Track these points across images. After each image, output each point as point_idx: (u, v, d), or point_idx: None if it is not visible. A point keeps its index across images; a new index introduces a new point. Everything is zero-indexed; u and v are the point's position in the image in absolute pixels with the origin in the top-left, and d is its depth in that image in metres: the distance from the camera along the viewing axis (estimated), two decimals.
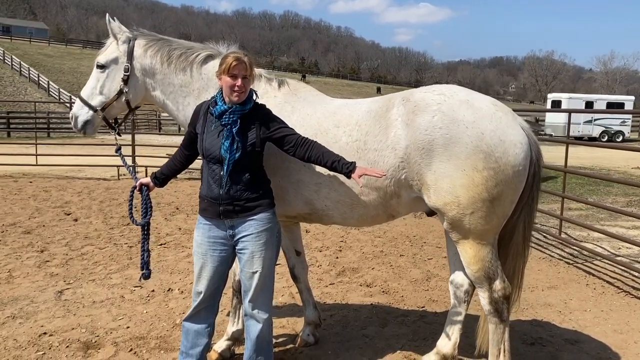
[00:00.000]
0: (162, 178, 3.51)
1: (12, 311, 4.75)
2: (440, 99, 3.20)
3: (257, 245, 3.23)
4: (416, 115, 3.18)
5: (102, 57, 3.77)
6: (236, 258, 3.37)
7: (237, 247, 3.27)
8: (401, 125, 3.22)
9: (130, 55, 3.73)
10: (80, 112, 3.78)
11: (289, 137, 3.24)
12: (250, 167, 3.22)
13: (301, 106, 3.66)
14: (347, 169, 3.12)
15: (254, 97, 3.27)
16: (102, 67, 3.76)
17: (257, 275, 3.24)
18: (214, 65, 3.70)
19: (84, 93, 3.82)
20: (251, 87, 3.27)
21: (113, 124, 3.91)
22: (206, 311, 3.41)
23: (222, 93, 3.20)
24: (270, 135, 3.24)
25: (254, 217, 3.23)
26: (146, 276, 3.47)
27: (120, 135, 3.94)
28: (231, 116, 3.14)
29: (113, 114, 3.85)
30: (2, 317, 4.62)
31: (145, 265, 3.46)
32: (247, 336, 3.36)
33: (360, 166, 3.14)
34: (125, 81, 3.73)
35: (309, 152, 3.21)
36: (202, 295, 3.32)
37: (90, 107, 3.76)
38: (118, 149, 3.89)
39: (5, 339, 4.20)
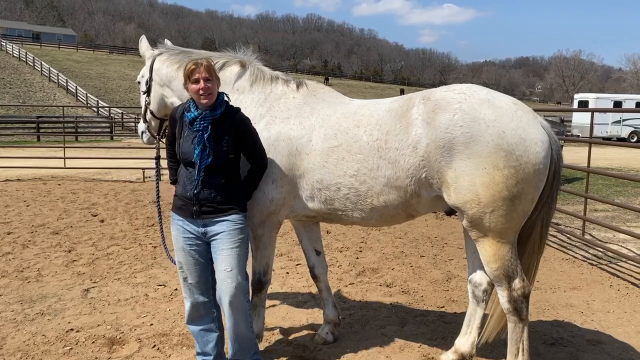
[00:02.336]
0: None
1: (41, 308, 4.90)
2: (461, 97, 3.21)
3: (228, 243, 3.36)
4: (437, 114, 3.19)
5: (139, 76, 4.27)
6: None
7: (211, 246, 3.43)
8: (422, 123, 3.23)
9: (151, 70, 4.09)
10: (139, 124, 4.40)
11: (250, 158, 3.48)
12: (223, 171, 3.36)
13: (320, 107, 3.71)
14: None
15: (226, 100, 3.42)
16: (139, 83, 4.25)
17: (231, 274, 3.36)
18: (230, 71, 3.91)
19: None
20: (223, 90, 3.50)
21: (155, 134, 4.27)
22: (204, 307, 3.53)
23: (193, 100, 3.35)
24: (242, 148, 3.42)
25: (227, 217, 3.37)
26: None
27: (160, 144, 4.28)
28: (202, 122, 3.29)
29: (153, 125, 4.24)
30: (32, 313, 4.78)
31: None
32: (228, 332, 3.50)
33: None
34: (147, 93, 4.13)
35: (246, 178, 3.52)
36: (193, 289, 3.48)
37: (142, 119, 4.31)
38: (156, 158, 4.22)
39: (34, 335, 4.35)
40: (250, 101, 3.83)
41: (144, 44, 4.23)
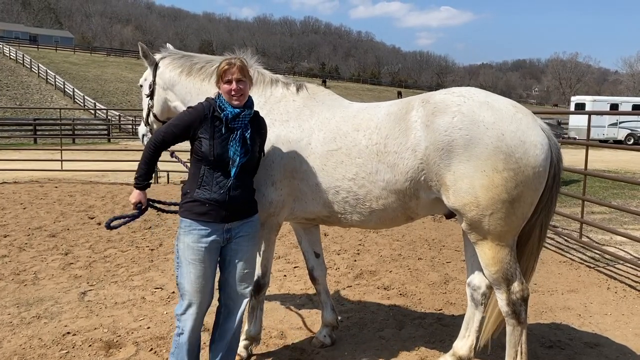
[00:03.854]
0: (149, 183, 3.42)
1: (37, 311, 4.88)
2: (460, 100, 3.21)
3: (250, 245, 3.37)
4: (436, 117, 3.19)
5: (141, 79, 4.32)
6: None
7: (228, 248, 3.30)
8: (421, 126, 3.23)
9: (154, 73, 4.14)
10: (140, 127, 4.44)
11: (259, 162, 3.45)
12: (252, 172, 3.36)
13: (320, 110, 3.71)
14: None
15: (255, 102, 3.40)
16: (141, 86, 4.29)
17: (248, 275, 3.38)
18: None
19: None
20: (254, 92, 3.43)
21: None
22: (201, 319, 3.35)
23: (223, 97, 3.23)
24: (261, 149, 3.42)
25: (251, 218, 3.36)
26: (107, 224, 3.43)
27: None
28: (243, 119, 3.22)
29: (156, 128, 4.23)
30: (28, 317, 4.75)
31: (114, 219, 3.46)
32: (226, 331, 3.39)
33: None
34: (150, 96, 4.18)
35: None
36: (200, 304, 3.24)
37: (144, 122, 4.34)
38: (172, 153, 4.18)
39: (30, 338, 4.32)
40: (270, 109, 3.85)
41: (144, 48, 4.21)
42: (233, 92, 3.16)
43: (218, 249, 3.28)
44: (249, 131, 3.23)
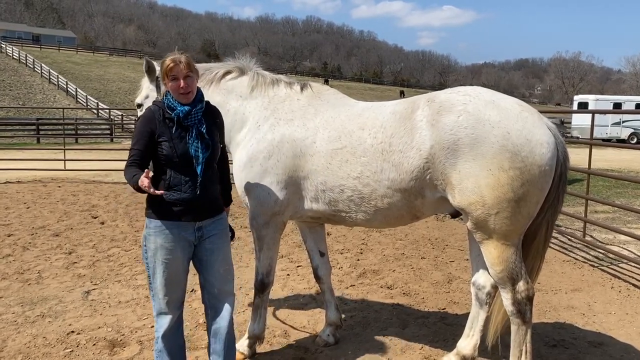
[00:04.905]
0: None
1: (41, 310, 4.89)
2: (465, 99, 3.21)
3: (225, 243, 3.34)
4: (441, 116, 3.19)
5: (139, 98, 4.08)
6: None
7: (202, 248, 3.24)
8: (426, 126, 3.23)
9: (158, 88, 3.93)
10: None
11: (221, 150, 3.39)
12: (214, 165, 3.28)
13: (324, 109, 3.73)
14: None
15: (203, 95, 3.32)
16: (139, 105, 4.04)
17: (228, 272, 3.34)
18: (231, 79, 3.99)
19: None
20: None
21: None
22: (180, 318, 3.35)
23: (171, 96, 3.14)
24: (221, 139, 3.37)
25: (220, 215, 3.32)
26: None
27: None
28: (196, 115, 3.15)
29: None
30: (32, 316, 4.77)
31: None
32: (219, 331, 3.33)
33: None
34: None
35: (221, 167, 3.44)
36: (176, 303, 3.25)
37: None
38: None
39: (35, 337, 4.34)
40: (254, 106, 3.87)
41: (149, 63, 4.00)
42: (181, 90, 3.09)
43: (191, 247, 3.23)
44: (204, 126, 3.16)
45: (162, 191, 2.99)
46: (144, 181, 2.85)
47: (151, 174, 2.90)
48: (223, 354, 3.34)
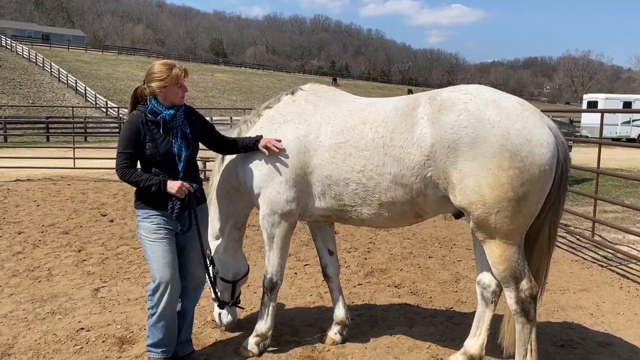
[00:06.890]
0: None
1: (51, 307, 4.94)
2: (466, 98, 3.23)
3: (203, 231, 3.73)
4: (442, 114, 3.21)
5: None
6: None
7: (185, 236, 3.63)
8: (427, 123, 3.26)
9: None
10: None
11: (216, 132, 3.86)
12: (194, 159, 3.68)
13: (324, 104, 3.82)
14: (253, 141, 3.73)
15: None
16: None
17: (205, 261, 3.75)
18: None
19: None
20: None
21: None
22: (175, 295, 3.66)
23: (155, 101, 3.49)
24: (207, 130, 3.78)
25: (201, 206, 3.72)
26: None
27: None
28: (180, 117, 3.54)
29: None
30: (43, 312, 4.82)
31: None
32: (186, 312, 3.85)
33: (264, 138, 3.72)
34: None
35: (226, 144, 3.86)
36: (172, 280, 3.57)
37: None
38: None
39: (45, 334, 4.38)
40: (263, 122, 4.01)
41: None
42: (184, 95, 3.56)
43: (174, 234, 3.62)
44: (187, 127, 3.57)
45: (192, 184, 3.53)
46: (184, 184, 3.43)
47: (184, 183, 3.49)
48: (184, 328, 3.85)
